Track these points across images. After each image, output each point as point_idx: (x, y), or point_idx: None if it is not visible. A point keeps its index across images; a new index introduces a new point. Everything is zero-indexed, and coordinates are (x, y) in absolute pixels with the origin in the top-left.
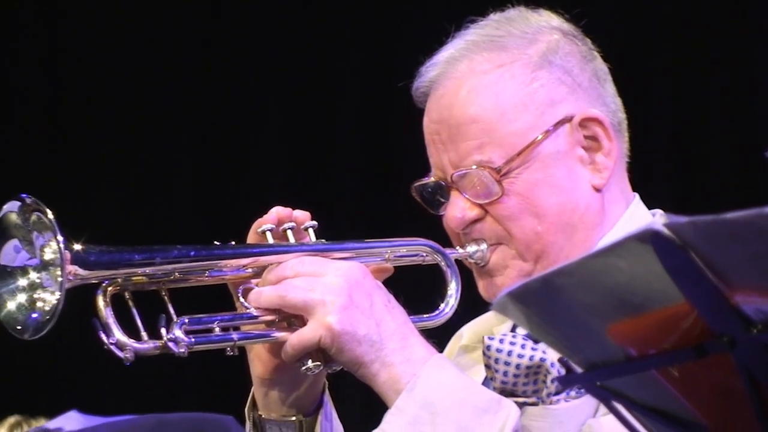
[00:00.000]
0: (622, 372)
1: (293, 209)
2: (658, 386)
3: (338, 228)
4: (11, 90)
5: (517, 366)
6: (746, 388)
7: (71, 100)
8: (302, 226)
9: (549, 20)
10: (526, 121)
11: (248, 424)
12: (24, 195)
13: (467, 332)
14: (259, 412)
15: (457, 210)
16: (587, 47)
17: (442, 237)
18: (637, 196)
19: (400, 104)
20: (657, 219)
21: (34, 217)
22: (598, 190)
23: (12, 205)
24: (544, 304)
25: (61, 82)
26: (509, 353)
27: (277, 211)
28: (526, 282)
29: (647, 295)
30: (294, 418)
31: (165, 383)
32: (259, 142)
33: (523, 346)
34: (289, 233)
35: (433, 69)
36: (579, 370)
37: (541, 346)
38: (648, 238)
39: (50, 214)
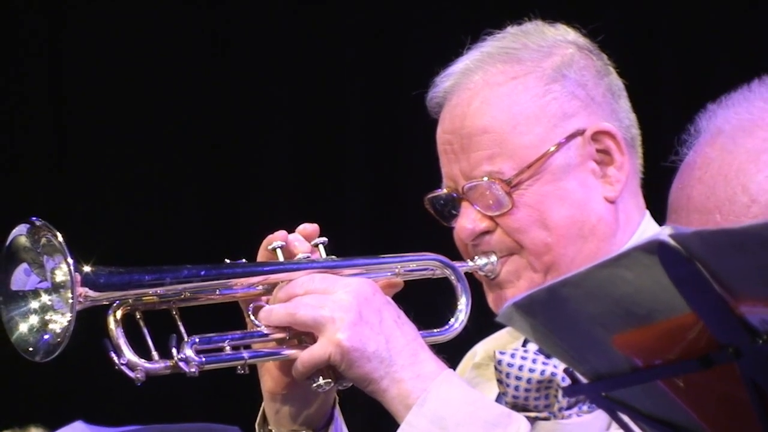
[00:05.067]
0: (628, 383)
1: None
2: (663, 397)
3: (345, 243)
4: (16, 109)
5: (529, 380)
6: (751, 398)
7: (77, 119)
8: (312, 242)
9: (565, 34)
10: (538, 133)
11: None
12: (33, 218)
13: (480, 350)
14: (270, 427)
15: (467, 221)
16: (602, 62)
17: (449, 251)
18: (647, 212)
19: (408, 118)
20: (663, 230)
21: (43, 240)
22: (610, 202)
23: (21, 229)
24: (549, 314)
25: (67, 101)
26: (520, 368)
27: (285, 232)
28: (531, 292)
29: (653, 306)
30: None
31: (171, 394)
32: (266, 157)
33: (534, 361)
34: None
35: (447, 79)
36: (584, 380)
37: (553, 360)
38: (654, 248)
39: (59, 237)
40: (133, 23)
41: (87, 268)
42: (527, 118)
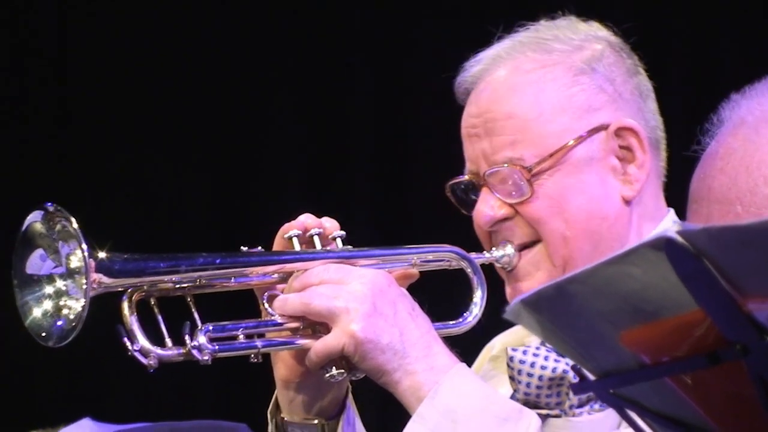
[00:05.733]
0: (635, 379)
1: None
2: (671, 394)
3: (354, 234)
4: (25, 93)
5: (540, 378)
6: (759, 395)
7: (86, 105)
8: (330, 236)
9: (597, 31)
10: (562, 123)
11: (270, 427)
12: (48, 204)
13: (498, 343)
14: (282, 415)
15: (486, 207)
16: (633, 61)
17: (459, 244)
18: (671, 211)
19: (416, 108)
20: (671, 226)
21: (59, 225)
22: (628, 202)
23: (36, 215)
24: (556, 311)
25: (74, 85)
26: (532, 365)
27: (304, 219)
28: (538, 289)
29: (660, 303)
30: (316, 422)
31: (179, 391)
32: (274, 147)
33: (546, 358)
34: (316, 239)
35: (476, 65)
36: (592, 377)
37: (565, 358)
38: (661, 245)
39: (74, 223)
40: (142, 8)
41: (101, 255)
42: (553, 107)
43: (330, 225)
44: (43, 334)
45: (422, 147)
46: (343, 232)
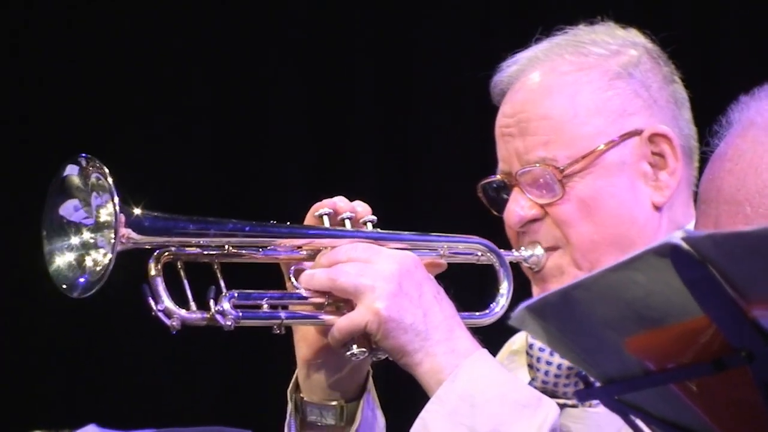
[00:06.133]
0: (640, 386)
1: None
2: (676, 400)
3: None
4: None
5: (559, 366)
6: (764, 401)
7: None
8: (361, 220)
9: (635, 37)
10: (597, 126)
11: (290, 405)
12: (83, 155)
13: (518, 339)
14: (301, 395)
15: (517, 206)
16: (670, 70)
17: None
18: None
19: (422, 104)
20: (676, 233)
21: (93, 178)
22: (658, 208)
23: (73, 169)
24: (562, 317)
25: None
26: (551, 353)
27: (337, 199)
28: (544, 295)
29: (665, 309)
30: (335, 403)
31: (184, 397)
32: (276, 147)
33: None
34: (347, 222)
35: (513, 65)
36: (597, 383)
37: None
38: (666, 251)
39: (109, 177)
40: (143, 8)
41: (134, 210)
42: (588, 110)
43: (362, 209)
44: (65, 285)
45: (427, 146)
46: (374, 217)
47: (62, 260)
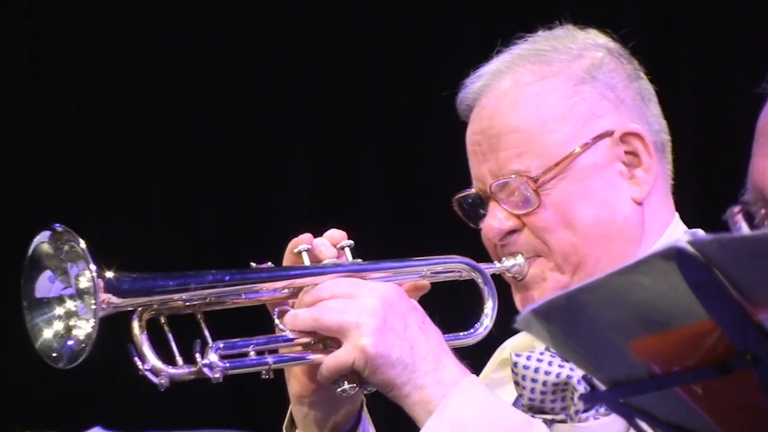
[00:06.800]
0: (646, 389)
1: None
2: (681, 403)
3: (364, 244)
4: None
5: (544, 383)
6: None
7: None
8: (338, 246)
9: (596, 38)
10: (566, 132)
11: None
12: (56, 225)
13: (509, 346)
14: (297, 430)
15: (495, 220)
16: (633, 67)
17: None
18: (676, 215)
19: (428, 117)
20: (682, 236)
21: (66, 246)
22: (638, 203)
23: (43, 236)
24: (567, 320)
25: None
26: (536, 370)
27: (309, 235)
28: (549, 299)
29: (671, 313)
30: None
31: (191, 400)
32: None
33: (550, 363)
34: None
35: (477, 81)
36: (602, 387)
37: (569, 363)
38: (672, 255)
39: (82, 243)
40: (142, 8)
41: (110, 274)
42: (555, 118)
43: (338, 235)
44: (54, 355)
45: (432, 156)
46: (351, 242)
47: (48, 332)
